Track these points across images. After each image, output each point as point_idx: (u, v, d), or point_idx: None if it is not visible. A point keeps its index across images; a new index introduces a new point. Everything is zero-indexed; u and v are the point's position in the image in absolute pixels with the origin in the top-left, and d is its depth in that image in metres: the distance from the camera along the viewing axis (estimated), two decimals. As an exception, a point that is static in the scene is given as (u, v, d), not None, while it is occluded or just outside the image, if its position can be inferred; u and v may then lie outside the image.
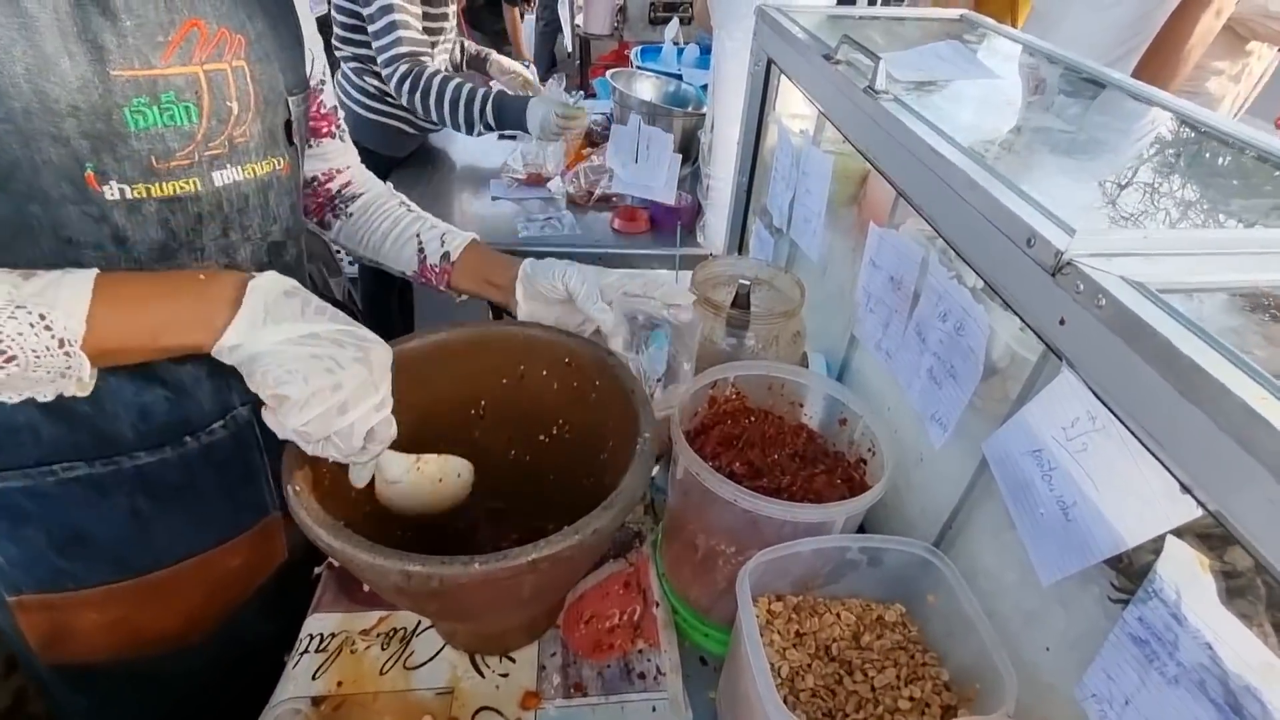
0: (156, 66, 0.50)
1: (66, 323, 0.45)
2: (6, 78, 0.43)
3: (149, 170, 0.52)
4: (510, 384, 0.78)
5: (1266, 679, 0.35)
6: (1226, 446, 0.34)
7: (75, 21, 0.46)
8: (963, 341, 0.61)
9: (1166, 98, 0.74)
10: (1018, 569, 0.58)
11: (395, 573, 0.50)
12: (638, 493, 0.58)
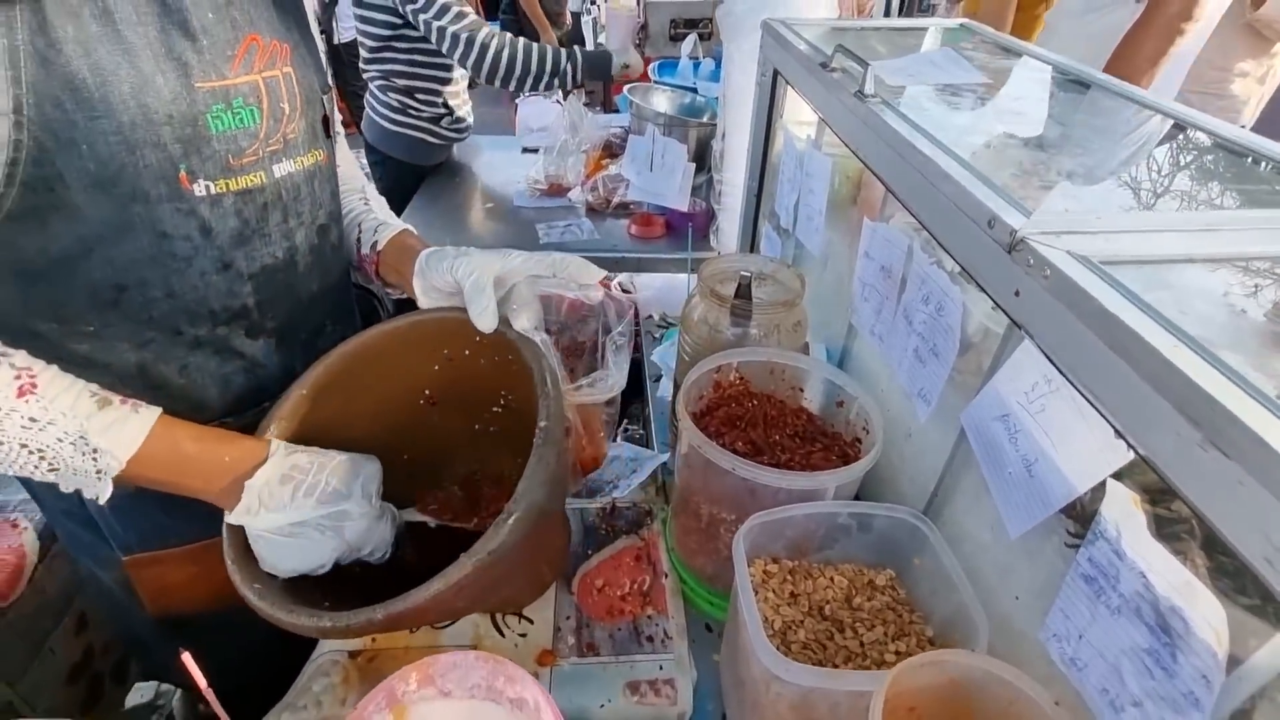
0: (228, 77, 0.58)
1: (110, 463, 0.55)
2: (115, 96, 0.52)
3: (226, 167, 0.60)
4: (443, 368, 0.79)
5: (1186, 596, 0.40)
6: (1145, 392, 0.39)
7: (163, 44, 0.54)
8: (942, 320, 0.66)
9: (1144, 96, 0.78)
10: (992, 530, 0.63)
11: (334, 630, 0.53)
12: (536, 495, 0.57)
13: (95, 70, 0.50)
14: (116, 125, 0.52)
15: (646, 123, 1.77)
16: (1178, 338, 0.39)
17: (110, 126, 0.52)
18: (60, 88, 0.49)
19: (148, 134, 0.54)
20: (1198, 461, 0.36)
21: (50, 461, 0.53)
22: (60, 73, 0.49)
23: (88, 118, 0.51)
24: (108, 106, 0.51)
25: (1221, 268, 0.48)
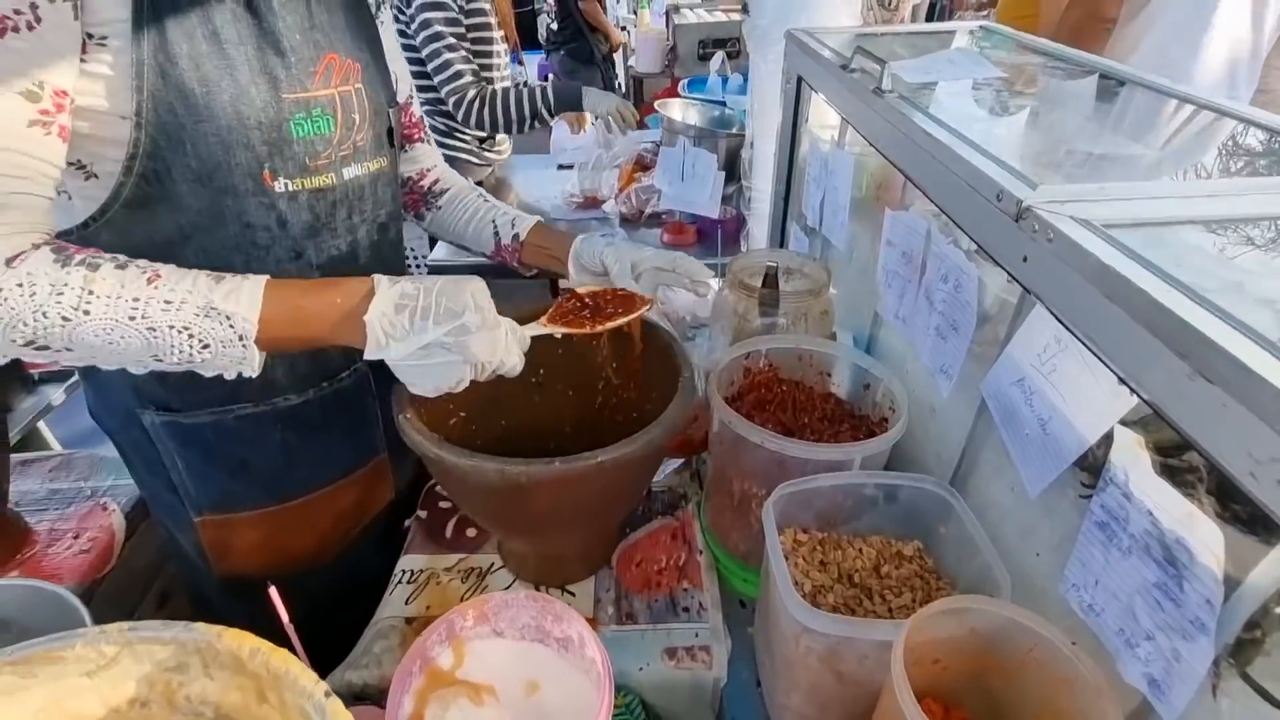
0: (310, 89, 0.67)
1: (244, 326, 0.59)
2: (217, 103, 0.60)
3: (304, 168, 0.68)
4: (564, 352, 0.88)
5: (1188, 527, 0.42)
6: (1140, 334, 0.43)
7: (259, 60, 0.63)
8: (960, 296, 0.70)
9: (1157, 81, 0.81)
10: (1013, 492, 0.65)
11: (492, 472, 0.62)
12: (682, 414, 0.69)
13: (203, 82, 0.59)
14: (216, 129, 0.60)
15: (678, 135, 1.84)
16: (1168, 283, 0.43)
17: (211, 129, 0.60)
18: (174, 96, 0.58)
19: (240, 136, 0.62)
20: (1186, 391, 0.39)
21: (200, 338, 0.58)
22: (175, 83, 0.57)
23: (194, 121, 0.59)
24: (210, 112, 0.60)
25: (1218, 228, 0.50)
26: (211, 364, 0.60)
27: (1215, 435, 0.38)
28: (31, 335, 0.54)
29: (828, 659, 0.62)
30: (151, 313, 0.56)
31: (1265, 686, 0.41)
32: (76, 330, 0.54)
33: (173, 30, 0.56)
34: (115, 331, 0.55)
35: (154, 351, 0.58)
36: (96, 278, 0.55)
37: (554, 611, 0.54)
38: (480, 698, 0.52)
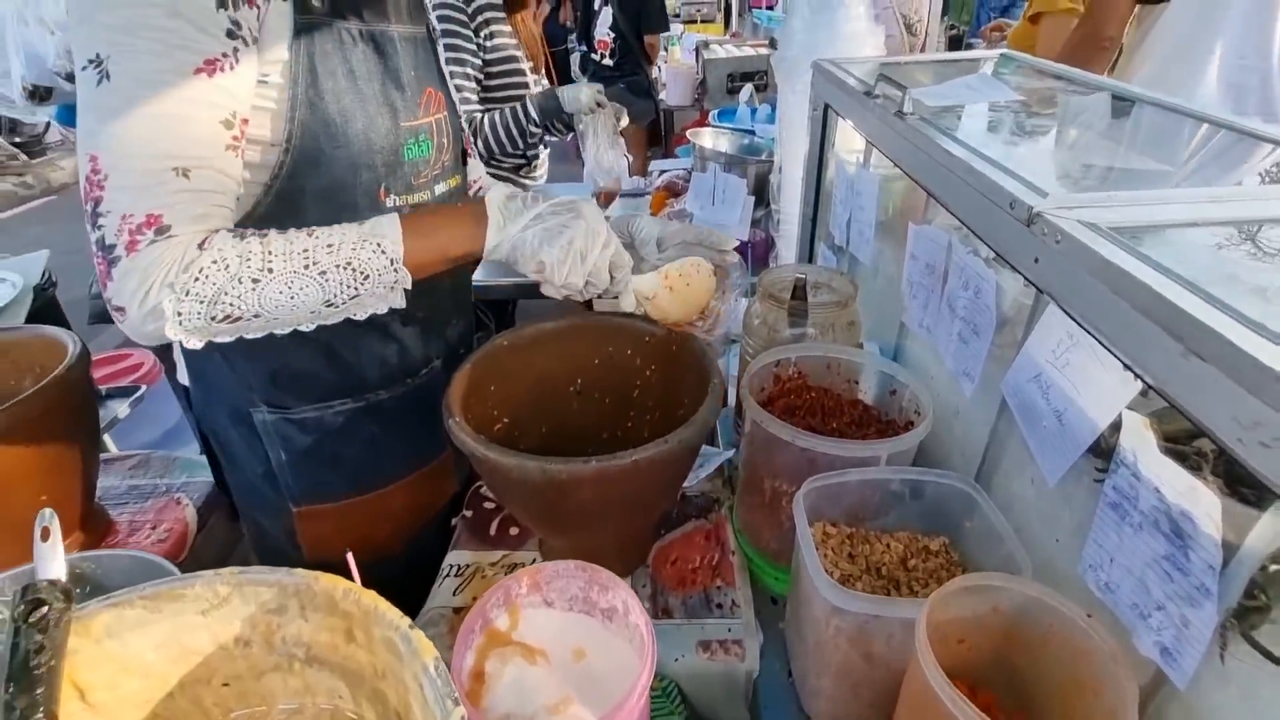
0: (418, 118, 0.76)
1: (393, 248, 0.67)
2: (352, 131, 0.69)
3: (409, 186, 0.77)
4: (601, 363, 0.96)
5: (1191, 499, 0.46)
6: (1140, 322, 0.47)
7: (383, 94, 0.72)
8: (980, 301, 0.74)
9: (1165, 99, 0.85)
10: (1033, 483, 0.68)
11: (534, 470, 0.67)
12: (713, 416, 0.74)
13: (341, 113, 0.68)
14: (349, 153, 0.69)
15: (709, 162, 1.92)
16: (1165, 275, 0.47)
17: (344, 154, 0.69)
18: (318, 125, 0.67)
19: (367, 159, 0.71)
20: (1181, 369, 0.43)
21: (360, 269, 0.65)
22: (319, 115, 0.67)
23: (332, 147, 0.68)
24: (345, 139, 0.69)
25: (1215, 230, 0.54)
26: (370, 294, 0.67)
27: (1206, 407, 0.41)
28: (230, 306, 0.61)
29: (857, 640, 0.65)
30: (319, 257, 0.64)
31: (1268, 647, 0.43)
32: (265, 290, 0.62)
33: (320, 69, 0.66)
34: (295, 283, 0.63)
35: (326, 295, 0.65)
36: (269, 241, 0.63)
37: (600, 581, 0.58)
38: (534, 658, 0.56)
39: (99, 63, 0.56)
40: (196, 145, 0.60)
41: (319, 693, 0.50)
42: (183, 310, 0.60)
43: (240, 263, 0.61)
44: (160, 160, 0.59)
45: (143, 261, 0.59)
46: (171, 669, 0.48)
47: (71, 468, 0.92)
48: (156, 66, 0.57)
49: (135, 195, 0.59)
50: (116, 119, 0.57)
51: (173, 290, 0.59)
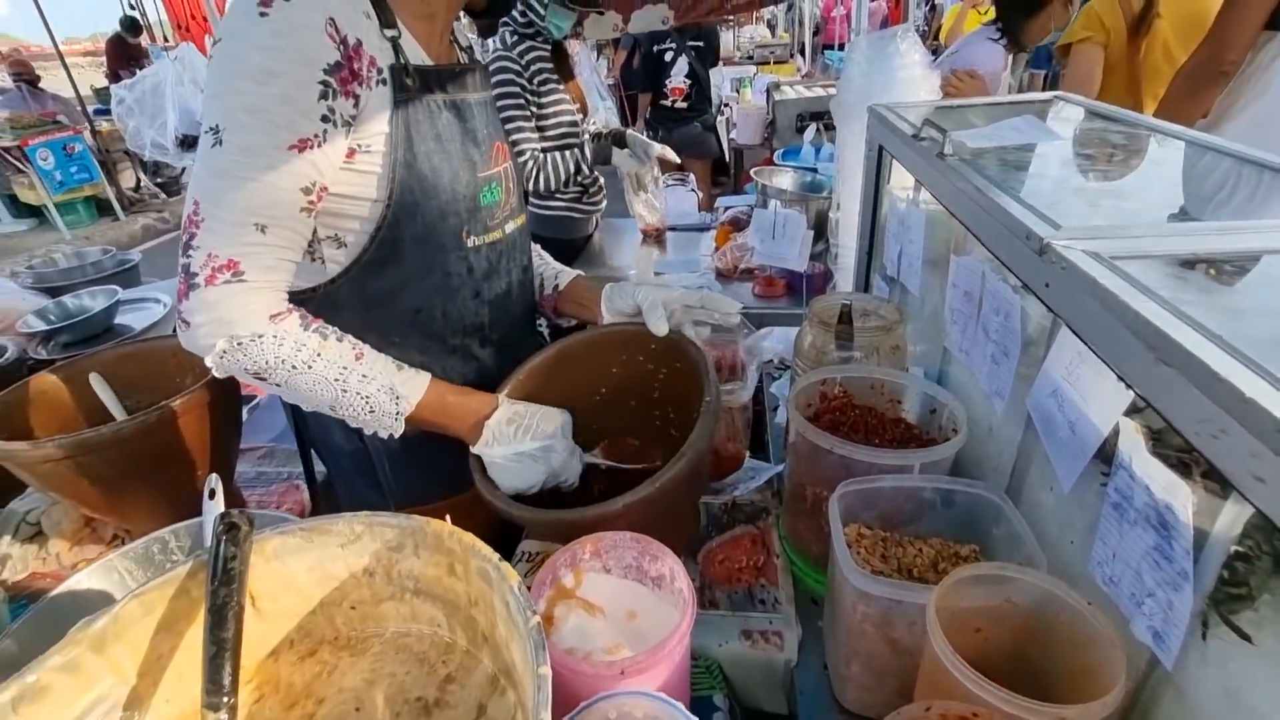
0: (491, 168, 0.91)
1: (405, 407, 0.83)
2: (441, 184, 0.84)
3: (485, 227, 0.92)
4: (619, 370, 1.05)
5: (1172, 492, 0.52)
6: (1125, 336, 0.54)
7: (464, 150, 0.87)
8: (1008, 324, 0.81)
9: (1206, 138, 0.90)
10: (1051, 490, 0.74)
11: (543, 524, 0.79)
12: (703, 445, 0.80)
13: (432, 170, 0.83)
14: (438, 203, 0.84)
15: (770, 198, 2.02)
16: (1145, 295, 0.54)
17: (434, 204, 0.84)
18: (414, 182, 0.82)
19: (453, 207, 0.86)
20: (1154, 374, 0.50)
21: (371, 405, 0.81)
22: (415, 173, 0.82)
23: (425, 199, 0.83)
24: (435, 191, 0.84)
25: (1206, 260, 0.60)
26: (366, 423, 0.83)
27: (1173, 406, 0.48)
28: (264, 371, 0.77)
29: (881, 625, 0.72)
30: (350, 381, 0.80)
31: (1243, 628, 0.48)
32: (296, 377, 0.77)
33: (414, 136, 0.81)
34: (320, 386, 0.79)
35: (334, 404, 0.81)
36: (325, 345, 0.78)
37: (651, 551, 0.68)
38: (593, 612, 0.67)
39: (217, 131, 0.71)
40: (277, 207, 0.75)
41: (422, 620, 0.62)
42: (227, 354, 0.75)
43: (293, 348, 0.76)
44: (246, 215, 0.73)
45: (213, 297, 0.73)
46: (315, 590, 0.61)
47: (220, 450, 1.10)
48: (259, 141, 0.72)
49: (221, 239, 0.73)
50: (220, 177, 0.72)
51: (231, 341, 0.74)
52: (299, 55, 0.71)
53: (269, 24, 0.69)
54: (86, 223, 6.66)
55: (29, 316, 1.97)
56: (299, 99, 0.71)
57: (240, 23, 0.70)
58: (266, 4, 0.69)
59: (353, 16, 0.74)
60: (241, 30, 0.70)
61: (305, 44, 0.71)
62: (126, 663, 0.52)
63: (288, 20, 0.69)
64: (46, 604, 0.76)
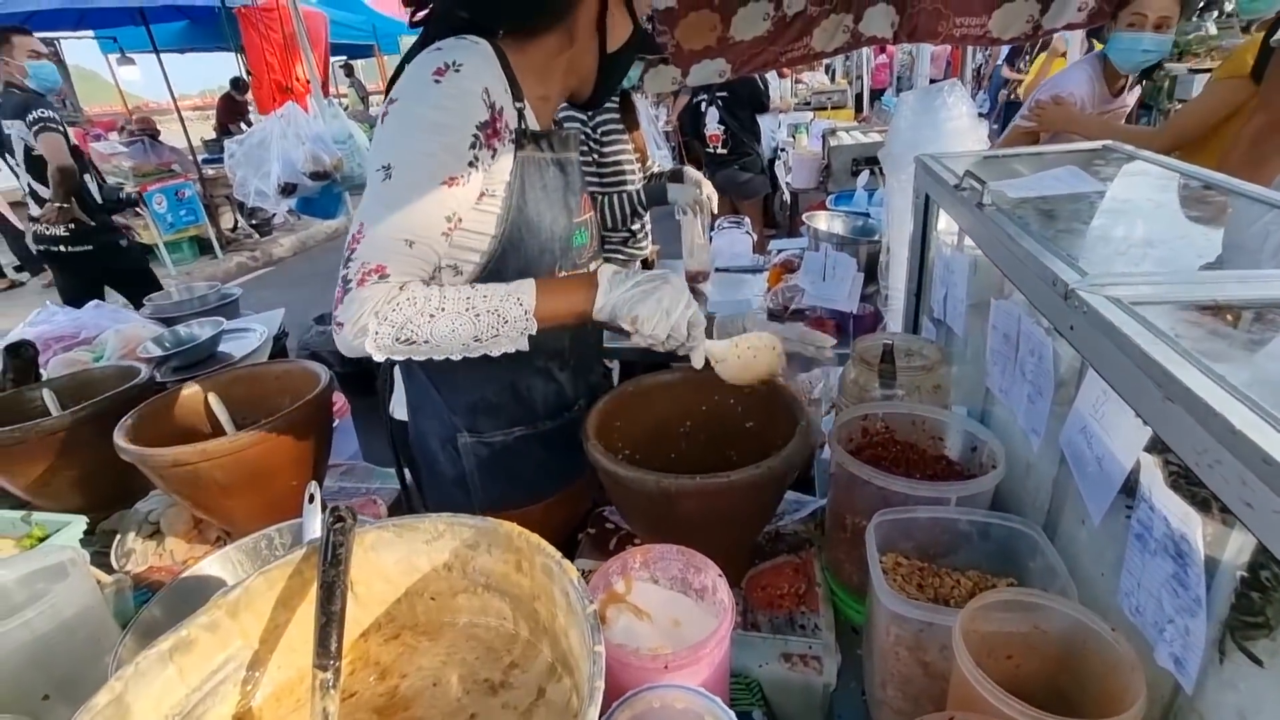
0: (582, 215, 1.04)
1: (529, 302, 0.91)
2: (543, 226, 0.97)
3: (575, 264, 1.04)
4: (707, 409, 1.14)
5: (1187, 522, 0.55)
6: (1138, 376, 0.58)
7: (563, 199, 1.00)
8: (1042, 365, 0.85)
9: (1244, 186, 0.92)
10: (1084, 527, 0.76)
11: (650, 481, 0.87)
12: (800, 449, 0.90)
13: (537, 214, 0.96)
14: (539, 241, 0.97)
15: (821, 242, 2.09)
16: (1157, 337, 0.58)
17: (536, 243, 0.97)
18: (521, 224, 0.95)
19: (550, 245, 0.98)
20: (1161, 410, 0.54)
21: (502, 315, 0.89)
22: (524, 216, 0.95)
23: (529, 238, 0.96)
24: (538, 231, 0.97)
25: (1224, 306, 0.64)
26: (506, 336, 0.91)
27: (1177, 437, 0.52)
28: (412, 331, 0.87)
29: (914, 649, 0.75)
30: (476, 303, 0.89)
31: (1256, 654, 0.51)
32: (436, 322, 0.88)
33: (527, 185, 0.95)
34: (457, 320, 0.88)
35: (476, 332, 0.89)
36: (445, 290, 0.89)
37: (695, 564, 0.75)
38: (641, 616, 0.73)
39: (388, 168, 0.86)
40: (424, 228, 0.89)
41: (490, 613, 0.70)
42: (380, 331, 0.86)
43: (424, 300, 0.87)
44: (399, 233, 0.87)
45: (363, 294, 0.86)
46: (402, 580, 0.70)
47: (313, 464, 1.24)
48: (421, 179, 0.87)
49: (375, 250, 0.87)
50: (384, 205, 0.87)
51: (376, 317, 0.86)
52: (462, 113, 0.87)
53: (441, 89, 0.86)
54: (189, 260, 7.32)
55: (148, 343, 2.22)
56: (457, 146, 0.87)
57: (418, 87, 0.87)
58: (440, 74, 0.86)
59: (498, 88, 0.90)
60: (419, 93, 0.87)
61: (467, 105, 0.87)
62: (252, 629, 0.62)
63: (456, 86, 0.86)
64: (177, 584, 0.88)
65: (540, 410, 1.11)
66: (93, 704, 0.51)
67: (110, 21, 7.72)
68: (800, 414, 0.99)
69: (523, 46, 0.96)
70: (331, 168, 3.47)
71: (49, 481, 1.25)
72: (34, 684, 0.81)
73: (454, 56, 0.87)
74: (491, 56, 0.91)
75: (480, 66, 0.89)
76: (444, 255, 0.94)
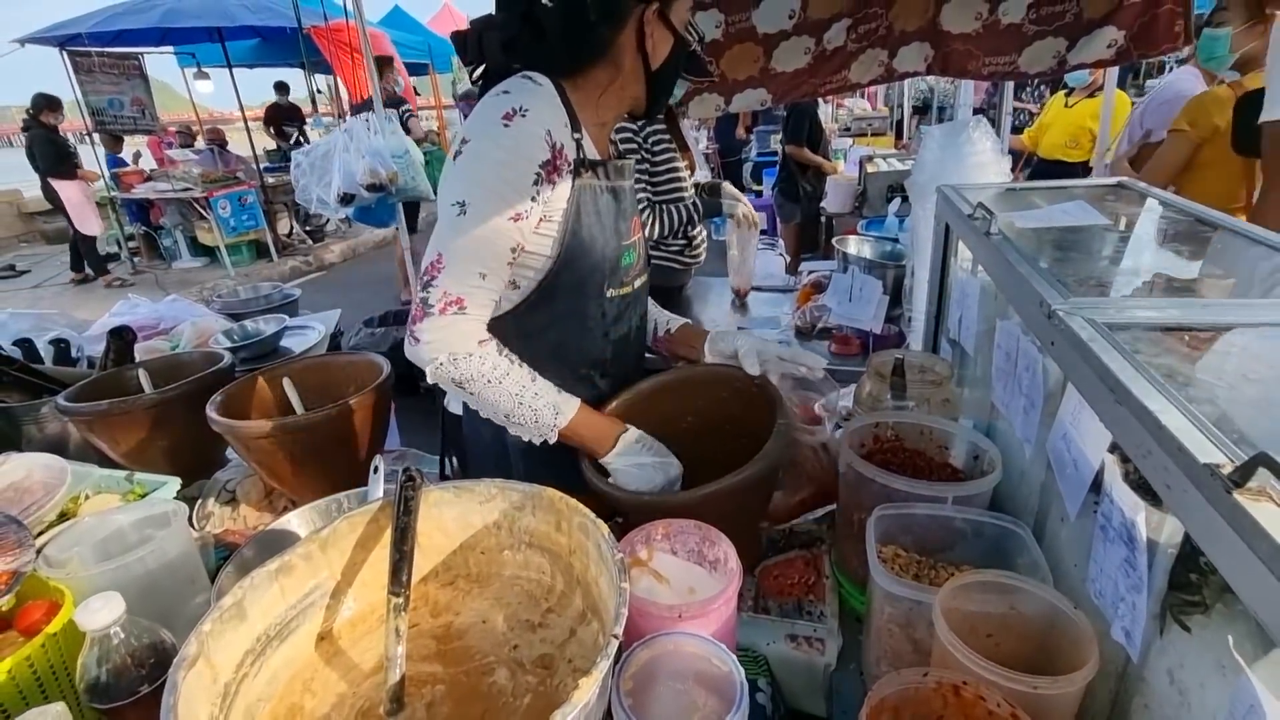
0: (631, 238, 1.15)
1: (560, 421, 1.04)
2: (595, 247, 1.07)
3: (621, 283, 1.15)
4: (705, 404, 1.23)
5: (1134, 510, 0.64)
6: (1097, 385, 0.67)
7: (614, 223, 1.11)
8: (1035, 379, 0.93)
9: (1236, 224, 1.00)
10: (1064, 525, 0.84)
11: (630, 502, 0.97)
12: (776, 452, 0.98)
13: (589, 237, 1.08)
14: (590, 261, 1.08)
15: (850, 264, 2.18)
16: (1119, 352, 0.67)
17: (587, 263, 1.08)
18: (575, 245, 1.06)
19: (600, 265, 1.10)
20: (1115, 413, 0.63)
21: (536, 418, 1.03)
22: (578, 239, 1.06)
23: (582, 258, 1.07)
24: (590, 252, 1.08)
25: (1189, 330, 0.72)
26: (527, 429, 1.05)
27: (1126, 437, 0.61)
28: (467, 382, 1.00)
29: (905, 626, 0.84)
30: (526, 397, 1.03)
31: (1188, 624, 0.59)
32: (487, 389, 1.01)
33: (582, 211, 1.06)
34: (503, 398, 1.02)
35: (509, 414, 1.03)
36: (512, 368, 1.02)
37: (710, 538, 0.85)
38: (660, 581, 0.84)
39: (463, 205, 0.99)
40: (495, 260, 1.01)
41: (531, 567, 0.82)
42: (442, 366, 1.00)
43: (491, 369, 1.00)
44: (475, 265, 1.00)
45: (442, 323, 0.99)
46: (458, 535, 0.82)
47: (372, 444, 1.38)
48: (493, 213, 0.98)
49: (455, 281, 0.99)
50: (460, 237, 0.99)
51: (449, 357, 0.99)
52: (527, 155, 0.97)
53: (509, 133, 0.97)
54: (247, 262, 7.74)
55: (219, 335, 2.42)
56: (521, 185, 0.99)
57: (488, 128, 0.98)
58: (509, 119, 0.96)
59: (559, 126, 1.01)
60: (489, 134, 0.98)
61: (532, 148, 0.97)
62: (336, 563, 0.75)
63: (522, 130, 0.97)
64: (263, 535, 1.02)
65: None
66: (221, 604, 0.64)
67: (189, 39, 8.29)
68: (780, 412, 1.07)
69: (576, 83, 1.07)
70: (387, 180, 3.70)
71: (144, 449, 1.42)
72: (143, 612, 0.95)
73: (521, 101, 0.97)
74: (553, 95, 1.02)
75: (543, 109, 0.99)
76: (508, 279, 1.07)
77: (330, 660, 0.73)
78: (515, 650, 0.74)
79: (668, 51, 1.09)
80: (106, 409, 1.38)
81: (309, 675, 0.71)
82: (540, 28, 1.01)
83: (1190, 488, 0.50)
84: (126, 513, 1.02)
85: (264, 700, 0.66)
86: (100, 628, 0.70)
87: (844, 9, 2.32)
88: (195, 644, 0.59)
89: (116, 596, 0.72)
